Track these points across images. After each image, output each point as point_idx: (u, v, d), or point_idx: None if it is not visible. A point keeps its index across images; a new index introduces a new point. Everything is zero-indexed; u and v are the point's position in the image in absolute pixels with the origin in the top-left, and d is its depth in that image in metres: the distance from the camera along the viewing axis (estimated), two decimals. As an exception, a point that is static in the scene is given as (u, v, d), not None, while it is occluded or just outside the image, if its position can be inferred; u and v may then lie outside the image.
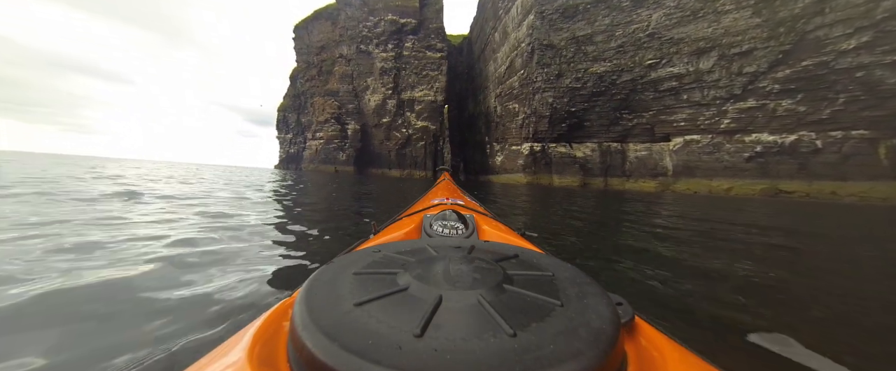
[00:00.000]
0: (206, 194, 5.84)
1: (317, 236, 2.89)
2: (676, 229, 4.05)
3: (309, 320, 0.31)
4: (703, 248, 2.76)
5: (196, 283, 1.56)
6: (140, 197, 4.73)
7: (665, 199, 12.98)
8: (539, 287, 0.39)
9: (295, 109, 53.42)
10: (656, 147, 25.54)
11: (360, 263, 0.44)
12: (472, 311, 0.33)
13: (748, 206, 9.70)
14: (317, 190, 8.72)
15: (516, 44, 30.66)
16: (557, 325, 0.31)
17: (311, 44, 47.14)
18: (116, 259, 1.84)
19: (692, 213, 6.28)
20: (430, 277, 0.38)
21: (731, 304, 1.53)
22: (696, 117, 22.61)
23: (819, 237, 3.89)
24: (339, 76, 44.67)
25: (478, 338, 0.28)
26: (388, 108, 42.48)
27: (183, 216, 3.38)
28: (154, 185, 6.91)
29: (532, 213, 5.90)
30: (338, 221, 3.77)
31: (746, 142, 20.65)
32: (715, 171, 21.88)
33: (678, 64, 22.42)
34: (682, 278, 1.92)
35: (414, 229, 1.07)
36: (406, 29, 40.82)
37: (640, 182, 25.77)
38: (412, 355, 0.26)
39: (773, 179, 19.52)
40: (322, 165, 45.93)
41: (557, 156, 28.90)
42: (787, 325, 1.24)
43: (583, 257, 2.57)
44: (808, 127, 18.72)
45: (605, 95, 26.28)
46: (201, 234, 2.58)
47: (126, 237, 2.33)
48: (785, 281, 1.92)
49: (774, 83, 19.19)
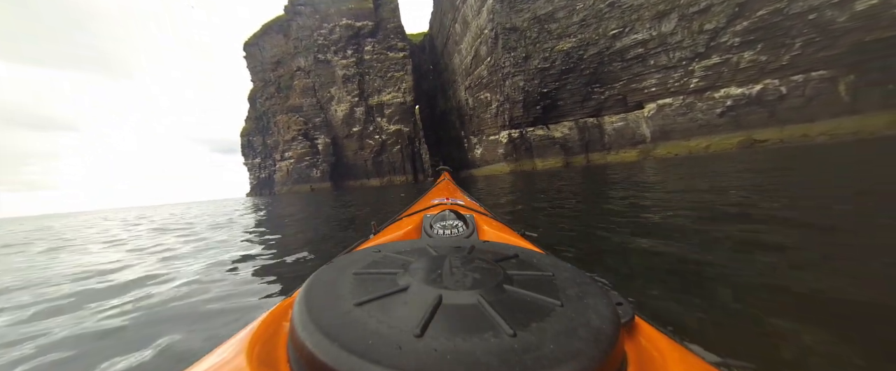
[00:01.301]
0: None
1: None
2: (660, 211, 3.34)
3: (309, 320, 0.31)
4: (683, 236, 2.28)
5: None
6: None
7: (646, 167, 12.35)
8: (539, 287, 0.39)
9: (259, 131, 50.37)
10: (631, 116, 25.71)
11: (360, 263, 0.44)
12: (472, 311, 0.33)
13: (722, 163, 9.40)
14: (280, 219, 6.70)
15: (479, 32, 30.05)
16: (557, 325, 0.31)
17: (264, 60, 44.50)
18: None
19: (668, 185, 5.36)
20: (430, 277, 0.38)
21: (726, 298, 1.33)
22: (665, 81, 22.84)
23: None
24: (299, 90, 42.42)
25: (478, 338, 0.28)
26: (357, 116, 40.80)
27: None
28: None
29: (511, 207, 5.01)
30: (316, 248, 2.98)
31: (716, 98, 21.02)
32: (691, 131, 22.17)
33: (641, 30, 22.54)
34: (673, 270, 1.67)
35: (414, 229, 1.07)
36: (363, 32, 39.30)
37: (621, 153, 25.86)
38: (412, 355, 0.26)
39: (747, 130, 19.95)
40: (296, 186, 43.50)
41: (537, 139, 28.57)
42: (786, 319, 1.10)
43: (576, 249, 2.28)
44: (771, 75, 19.21)
45: (574, 72, 26.17)
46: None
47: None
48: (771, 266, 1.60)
49: (734, 36, 19.57)
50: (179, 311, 1.53)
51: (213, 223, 6.31)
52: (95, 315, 1.54)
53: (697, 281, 1.47)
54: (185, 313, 1.50)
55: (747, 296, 1.26)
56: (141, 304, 1.68)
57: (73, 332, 1.35)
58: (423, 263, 0.43)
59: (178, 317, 1.48)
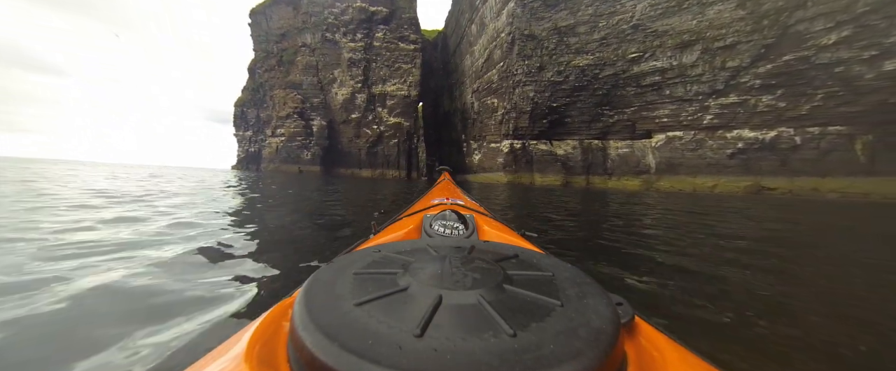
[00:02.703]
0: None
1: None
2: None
3: (309, 320, 0.31)
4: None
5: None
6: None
7: (647, 197, 11.84)
8: (539, 287, 0.39)
9: (254, 104, 48.30)
10: (638, 144, 24.96)
11: (360, 263, 0.44)
12: (472, 311, 0.33)
13: (731, 203, 9.48)
14: (269, 198, 6.30)
15: (495, 35, 29.04)
16: (557, 325, 0.32)
17: (269, 31, 42.65)
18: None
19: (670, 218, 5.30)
20: (430, 277, 0.38)
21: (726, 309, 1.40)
22: (678, 113, 22.13)
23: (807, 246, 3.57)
24: (302, 67, 40.72)
25: (478, 338, 0.28)
26: (358, 102, 39.31)
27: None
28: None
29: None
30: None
31: (728, 138, 20.36)
32: (698, 168, 21.47)
33: (661, 58, 21.81)
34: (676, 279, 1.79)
35: (414, 229, 1.08)
36: (377, 18, 37.94)
37: (624, 180, 25.06)
38: (412, 355, 0.26)
39: (757, 176, 19.29)
40: (284, 165, 41.66)
41: (538, 153, 27.61)
42: (784, 324, 1.21)
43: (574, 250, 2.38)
44: (787, 123, 18.62)
45: (587, 90, 25.33)
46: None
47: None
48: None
49: (755, 78, 18.95)
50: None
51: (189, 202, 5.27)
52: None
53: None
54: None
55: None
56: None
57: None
58: (423, 263, 0.43)
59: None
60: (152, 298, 1.39)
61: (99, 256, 1.91)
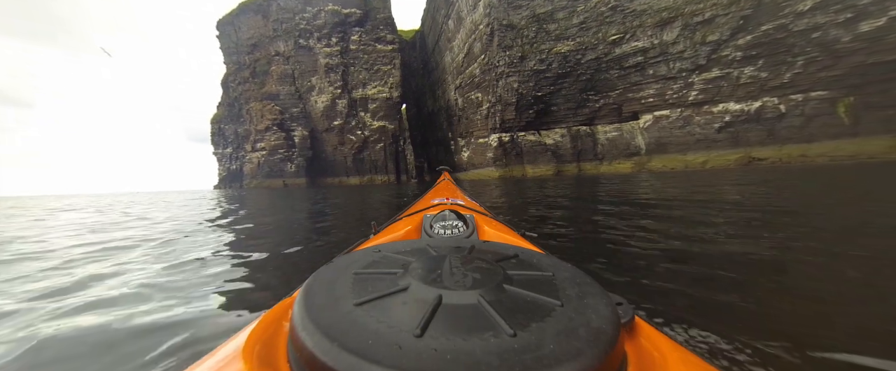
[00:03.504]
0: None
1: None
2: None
3: (308, 320, 0.31)
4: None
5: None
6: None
7: (639, 179, 11.60)
8: (539, 287, 0.39)
9: (231, 119, 46.43)
10: (626, 127, 24.89)
11: (359, 263, 0.44)
12: (472, 311, 0.33)
13: (724, 178, 9.29)
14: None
15: (473, 27, 28.54)
16: (557, 325, 0.31)
17: (239, 41, 41.04)
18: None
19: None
20: (430, 277, 0.38)
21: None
22: (663, 92, 22.10)
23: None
24: (277, 77, 39.32)
25: (478, 338, 0.28)
26: (339, 109, 38.23)
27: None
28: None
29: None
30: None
31: (715, 112, 20.40)
32: (688, 145, 21.47)
33: (642, 38, 21.72)
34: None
35: (414, 229, 1.07)
36: (351, 20, 36.95)
37: (615, 164, 24.94)
38: (412, 355, 0.26)
39: (746, 148, 19.36)
40: (267, 180, 40.14)
41: (528, 145, 27.27)
42: (785, 317, 1.18)
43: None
44: (770, 92, 18.73)
45: (570, 77, 25.10)
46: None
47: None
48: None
49: (736, 50, 19.00)
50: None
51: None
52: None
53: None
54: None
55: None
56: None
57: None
58: (423, 263, 0.43)
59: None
60: (148, 305, 1.43)
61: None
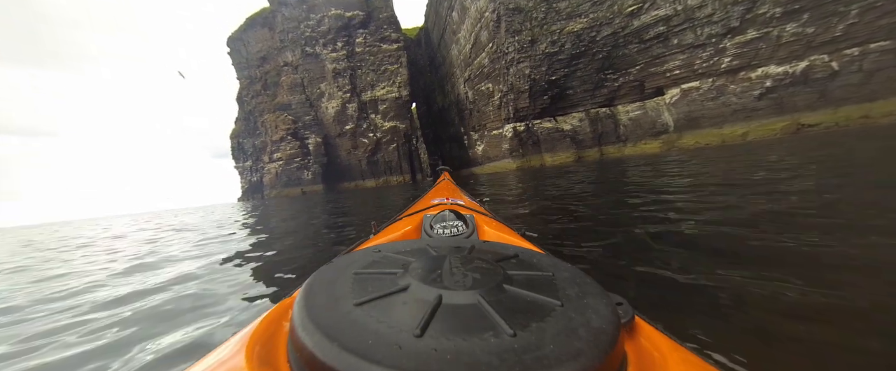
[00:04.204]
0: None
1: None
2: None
3: (309, 320, 0.31)
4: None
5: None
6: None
7: (669, 160, 10.46)
8: (539, 287, 0.39)
9: (248, 133, 47.67)
10: (650, 104, 23.13)
11: (360, 263, 0.44)
12: (472, 311, 0.33)
13: (771, 150, 8.06)
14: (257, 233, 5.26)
15: (479, 15, 27.47)
16: (557, 325, 0.31)
17: (249, 56, 41.88)
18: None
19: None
20: (430, 277, 0.38)
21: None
22: (691, 62, 20.26)
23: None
24: (287, 87, 39.80)
25: (478, 338, 0.28)
26: (350, 112, 38.20)
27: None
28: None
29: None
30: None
31: (753, 78, 18.43)
32: (723, 117, 19.57)
33: (663, 5, 19.97)
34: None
35: (414, 229, 1.07)
36: (354, 23, 36.74)
37: (641, 145, 23.25)
38: (412, 355, 0.26)
39: (793, 114, 17.34)
40: (286, 189, 40.82)
41: (544, 132, 25.97)
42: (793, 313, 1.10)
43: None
44: (819, 49, 16.63)
45: (585, 56, 23.60)
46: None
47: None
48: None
49: (775, 6, 16.99)
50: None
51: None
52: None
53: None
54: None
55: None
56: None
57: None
58: (423, 263, 0.43)
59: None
60: (153, 304, 1.57)
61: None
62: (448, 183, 2.66)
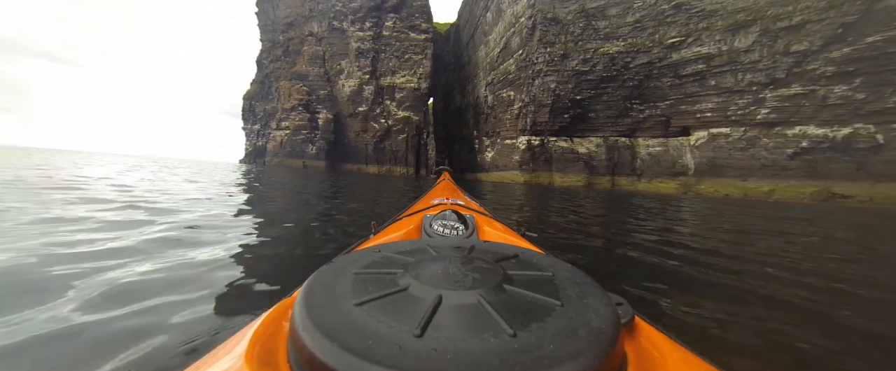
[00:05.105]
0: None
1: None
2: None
3: (308, 320, 0.31)
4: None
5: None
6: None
7: (690, 204, 9.69)
8: (539, 287, 0.39)
9: (262, 97, 47.10)
10: (673, 142, 22.08)
11: (359, 263, 0.45)
12: (472, 311, 0.33)
13: (799, 213, 7.60)
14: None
15: (514, 20, 26.55)
16: (557, 325, 0.32)
17: (276, 20, 41.23)
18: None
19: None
20: (430, 277, 0.39)
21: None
22: (725, 106, 19.20)
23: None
24: (308, 57, 39.12)
25: (478, 338, 0.28)
26: (365, 95, 37.43)
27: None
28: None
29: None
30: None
31: (789, 136, 17.36)
32: (750, 170, 18.50)
33: (708, 42, 18.93)
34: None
35: (414, 229, 1.07)
36: (386, 6, 35.95)
37: (656, 182, 22.22)
38: (412, 355, 0.26)
39: (826, 181, 16.24)
40: (288, 159, 40.18)
41: (558, 151, 25.02)
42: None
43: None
44: (866, 118, 15.54)
45: (615, 81, 22.61)
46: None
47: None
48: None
49: (827, 64, 15.92)
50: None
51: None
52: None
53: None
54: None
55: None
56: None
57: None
58: (423, 263, 0.43)
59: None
60: (150, 298, 1.41)
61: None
62: (448, 183, 2.64)
